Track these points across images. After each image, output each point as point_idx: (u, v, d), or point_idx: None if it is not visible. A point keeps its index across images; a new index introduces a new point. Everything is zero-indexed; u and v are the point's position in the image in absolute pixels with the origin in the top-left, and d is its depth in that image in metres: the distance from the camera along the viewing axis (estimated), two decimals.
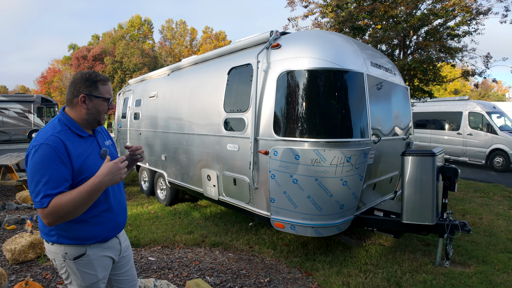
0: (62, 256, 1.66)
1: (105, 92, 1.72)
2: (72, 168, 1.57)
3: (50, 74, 47.11)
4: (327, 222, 3.42)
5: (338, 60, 3.35)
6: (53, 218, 1.49)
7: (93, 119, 1.73)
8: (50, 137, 1.55)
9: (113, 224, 1.78)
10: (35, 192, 1.49)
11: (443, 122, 12.14)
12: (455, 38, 8.03)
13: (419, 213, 3.54)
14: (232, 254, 4.01)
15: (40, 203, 1.47)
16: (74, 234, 1.65)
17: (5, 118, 19.52)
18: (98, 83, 1.70)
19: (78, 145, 1.64)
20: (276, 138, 3.44)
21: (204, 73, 4.97)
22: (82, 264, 1.68)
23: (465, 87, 44.26)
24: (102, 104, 1.73)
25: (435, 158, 3.50)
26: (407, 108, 4.74)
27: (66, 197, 1.49)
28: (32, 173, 1.51)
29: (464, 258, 3.96)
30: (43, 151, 1.51)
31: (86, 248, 1.68)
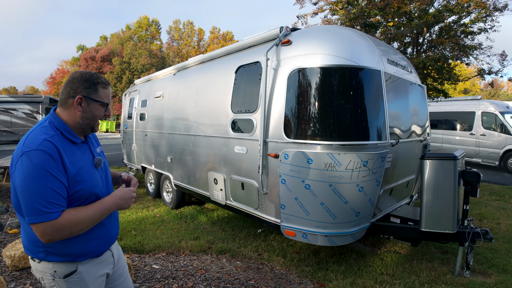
0: (50, 274, 1.47)
1: (104, 96, 1.56)
2: (68, 179, 1.40)
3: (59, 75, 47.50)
4: (342, 230, 3.20)
5: (353, 57, 3.13)
6: (61, 233, 1.35)
7: (87, 124, 1.55)
8: (43, 143, 1.36)
9: (106, 237, 1.62)
10: (34, 205, 1.30)
11: (455, 122, 11.80)
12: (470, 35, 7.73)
13: (439, 221, 3.31)
14: (240, 262, 3.81)
15: (45, 215, 1.30)
16: (64, 251, 1.46)
17: (13, 119, 19.62)
18: (98, 85, 1.53)
19: (71, 153, 1.47)
20: (286, 141, 3.24)
21: (210, 72, 4.78)
22: (74, 283, 1.50)
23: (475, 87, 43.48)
24: (99, 109, 1.56)
25: (457, 162, 3.27)
26: (424, 108, 4.50)
27: (82, 212, 1.40)
28: (27, 184, 1.31)
29: (484, 267, 3.72)
30: (37, 158, 1.32)
31: (77, 264, 1.51)
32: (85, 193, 1.47)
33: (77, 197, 1.45)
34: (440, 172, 3.31)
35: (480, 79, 8.92)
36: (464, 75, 11.42)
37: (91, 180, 1.51)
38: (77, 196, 1.45)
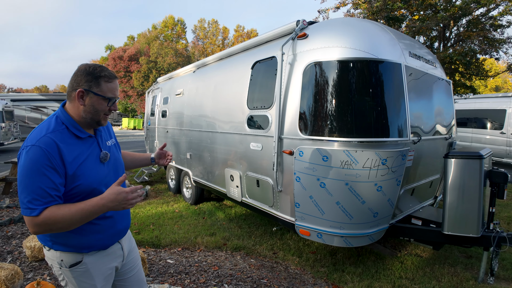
0: (58, 263, 1.52)
1: (107, 90, 1.50)
2: (66, 174, 1.40)
3: None
4: (358, 231, 3.08)
5: (373, 50, 2.99)
6: (42, 228, 1.35)
7: (91, 118, 1.51)
8: (42, 139, 1.37)
9: (112, 231, 1.60)
10: (22, 198, 1.34)
11: (485, 120, 11.19)
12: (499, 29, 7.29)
13: (463, 224, 3.12)
14: (254, 260, 3.76)
15: (29, 211, 1.32)
16: (69, 242, 1.49)
17: (44, 116, 20.43)
18: (100, 79, 1.48)
19: (74, 148, 1.45)
20: (301, 137, 3.15)
21: (228, 68, 4.75)
22: (79, 273, 1.52)
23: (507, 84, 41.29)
24: (101, 104, 1.50)
25: (483, 161, 3.07)
26: (449, 105, 4.27)
27: (63, 211, 1.35)
28: (21, 177, 1.35)
29: (509, 273, 3.50)
30: (33, 154, 1.34)
31: (83, 256, 1.52)
32: (85, 188, 1.45)
33: (77, 192, 1.44)
34: (465, 171, 3.12)
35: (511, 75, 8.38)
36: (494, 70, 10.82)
37: (93, 175, 1.49)
38: (76, 191, 1.44)
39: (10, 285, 2.80)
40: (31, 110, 20.28)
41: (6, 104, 14.71)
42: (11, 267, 2.93)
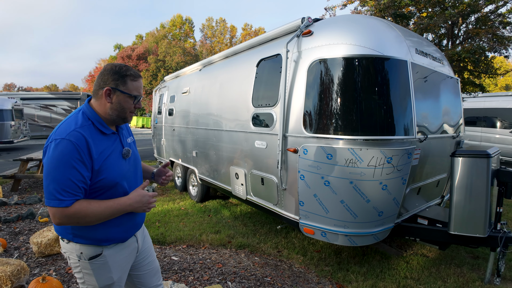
0: (77, 255, 1.55)
1: (133, 88, 1.57)
2: (92, 168, 1.46)
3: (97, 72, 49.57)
4: (363, 230, 3.06)
5: (378, 47, 2.96)
6: (71, 220, 1.41)
7: (117, 115, 1.58)
8: (72, 133, 1.42)
9: (130, 224, 1.66)
10: (50, 188, 1.38)
11: (495, 119, 11.00)
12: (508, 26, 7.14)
13: (470, 224, 3.06)
14: (258, 258, 3.76)
15: (57, 202, 1.37)
16: (90, 235, 1.53)
17: (53, 115, 20.72)
18: (127, 78, 1.55)
19: (100, 143, 1.51)
20: (306, 135, 3.13)
21: (233, 66, 4.75)
22: (98, 265, 1.57)
23: None
24: (127, 101, 1.57)
25: (490, 160, 3.01)
26: (457, 103, 4.21)
27: (94, 206, 1.44)
28: (49, 169, 1.38)
29: None
30: (63, 147, 1.39)
31: (103, 248, 1.57)
32: (108, 182, 1.50)
33: (101, 185, 1.49)
34: (472, 170, 3.07)
35: None
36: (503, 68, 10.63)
37: (116, 170, 1.55)
38: (101, 185, 1.49)
39: (16, 280, 2.84)
40: (41, 108, 20.56)
41: (15, 103, 14.92)
42: (17, 262, 2.97)
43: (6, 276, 2.76)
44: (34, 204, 5.66)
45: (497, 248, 3.11)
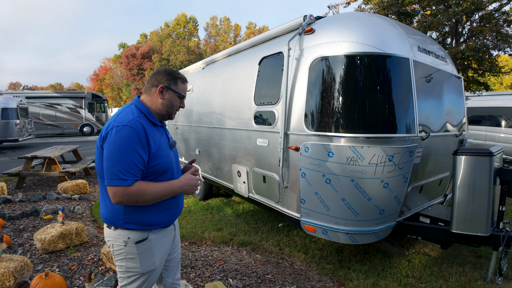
0: (123, 241, 1.65)
1: (182, 90, 1.80)
2: (149, 153, 1.62)
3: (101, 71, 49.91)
4: (364, 228, 3.05)
5: (380, 44, 2.95)
6: (130, 198, 1.54)
7: (166, 111, 1.78)
8: (132, 121, 1.59)
9: (175, 209, 1.81)
10: (113, 169, 1.52)
11: (500, 118, 10.92)
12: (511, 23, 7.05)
13: (472, 222, 3.05)
14: (259, 255, 3.77)
15: (121, 181, 1.51)
16: (141, 220, 1.65)
17: (58, 113, 20.88)
18: (178, 80, 1.78)
19: (153, 133, 1.69)
20: (307, 133, 3.13)
21: (236, 64, 4.75)
22: (143, 249, 1.68)
23: None
24: (176, 100, 1.79)
25: (493, 158, 2.99)
26: (460, 101, 4.18)
27: (151, 186, 1.59)
28: (113, 152, 1.53)
29: None
30: (125, 133, 1.54)
31: (149, 233, 1.69)
32: (162, 167, 1.68)
33: (155, 170, 1.65)
34: (474, 169, 3.05)
35: None
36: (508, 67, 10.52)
37: (166, 157, 1.72)
38: (155, 169, 1.65)
39: (19, 276, 2.87)
40: (46, 107, 20.72)
41: (20, 101, 15.03)
42: (20, 258, 3.00)
43: (9, 272, 2.80)
44: (39, 201, 5.71)
45: (500, 247, 3.09)
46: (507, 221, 3.22)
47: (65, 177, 7.15)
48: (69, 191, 6.46)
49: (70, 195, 6.19)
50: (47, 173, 7.23)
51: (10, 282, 2.79)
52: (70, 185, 6.55)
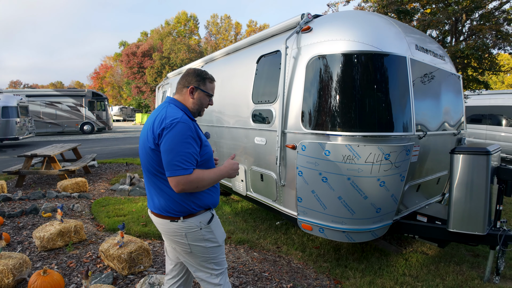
0: (196, 226, 1.84)
1: (210, 89, 1.98)
2: (201, 144, 1.82)
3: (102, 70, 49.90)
4: (361, 227, 3.06)
5: (377, 43, 2.95)
6: (191, 185, 1.72)
7: (197, 109, 1.96)
8: (184, 117, 1.77)
9: (219, 192, 2.04)
10: (174, 161, 1.69)
11: (500, 117, 10.89)
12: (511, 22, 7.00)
13: (469, 221, 3.04)
14: (257, 253, 3.78)
15: (183, 170, 1.69)
16: (204, 202, 1.88)
17: (58, 111, 20.89)
18: (206, 80, 1.95)
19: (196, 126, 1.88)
20: (304, 132, 3.13)
21: (234, 63, 4.76)
22: (214, 225, 1.93)
23: None
24: (205, 98, 1.97)
25: (490, 157, 2.99)
26: (459, 100, 4.18)
27: (206, 173, 1.79)
28: (172, 145, 1.70)
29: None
30: (182, 127, 1.73)
31: (211, 212, 1.94)
32: (209, 156, 1.90)
33: (205, 158, 1.86)
34: (471, 168, 3.05)
35: None
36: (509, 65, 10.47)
37: (209, 147, 1.93)
38: (205, 158, 1.86)
39: (18, 273, 2.89)
40: (46, 105, 20.72)
41: (21, 100, 15.04)
42: (19, 256, 3.02)
43: (8, 269, 2.81)
44: (38, 199, 5.73)
45: (497, 247, 3.09)
46: (505, 220, 3.22)
47: (65, 175, 7.15)
48: (68, 189, 6.46)
49: (70, 193, 6.19)
50: (46, 171, 7.24)
51: (9, 279, 2.80)
52: (69, 183, 6.54)
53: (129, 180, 6.93)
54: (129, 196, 6.35)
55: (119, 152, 12.70)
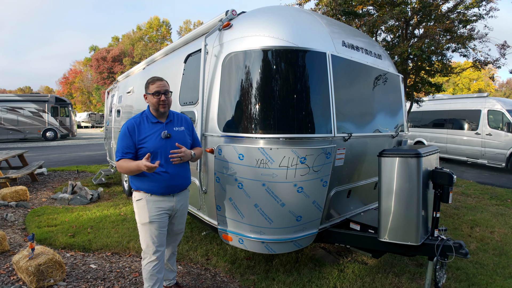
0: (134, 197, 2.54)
1: (152, 89, 2.48)
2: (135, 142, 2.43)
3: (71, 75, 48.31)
4: (280, 237, 2.81)
5: (294, 38, 2.74)
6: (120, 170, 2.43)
7: (153, 108, 2.53)
8: (129, 121, 2.49)
9: (165, 184, 2.47)
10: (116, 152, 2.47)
11: (462, 121, 11.08)
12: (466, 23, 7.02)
13: (400, 230, 2.78)
14: (182, 266, 3.48)
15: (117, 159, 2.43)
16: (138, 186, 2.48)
17: (20, 117, 19.89)
18: (149, 84, 2.52)
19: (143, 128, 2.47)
20: (220, 134, 2.88)
21: (168, 63, 4.49)
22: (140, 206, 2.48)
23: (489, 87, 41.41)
24: (151, 97, 2.48)
25: (421, 160, 2.76)
26: (397, 100, 4.03)
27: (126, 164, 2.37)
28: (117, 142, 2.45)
29: (462, 286, 3.20)
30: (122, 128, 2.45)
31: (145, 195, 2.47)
32: (147, 151, 2.38)
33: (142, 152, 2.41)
34: (400, 172, 2.81)
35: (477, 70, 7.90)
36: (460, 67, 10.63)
37: (153, 144, 2.43)
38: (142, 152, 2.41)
39: None
40: (7, 111, 19.72)
41: None
42: None
43: None
44: None
45: (434, 258, 2.85)
46: (444, 229, 3.00)
47: (7, 183, 6.69)
48: (7, 197, 6.03)
49: (8, 202, 5.80)
50: None
51: None
52: (9, 192, 6.11)
53: (70, 188, 6.50)
54: (68, 205, 5.93)
55: (76, 160, 12.10)
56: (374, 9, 7.27)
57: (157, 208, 2.46)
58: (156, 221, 2.45)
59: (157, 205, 2.47)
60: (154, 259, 2.48)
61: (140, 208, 2.46)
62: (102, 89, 39.22)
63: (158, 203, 2.47)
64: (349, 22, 6.67)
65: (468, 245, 4.21)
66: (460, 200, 6.59)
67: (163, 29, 45.10)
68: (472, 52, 7.19)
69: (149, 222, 2.44)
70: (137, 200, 2.47)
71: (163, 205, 2.49)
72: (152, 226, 2.44)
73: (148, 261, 2.49)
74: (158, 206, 2.47)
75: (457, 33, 6.99)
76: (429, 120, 12.33)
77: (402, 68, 6.87)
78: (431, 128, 12.14)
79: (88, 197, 6.22)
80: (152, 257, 2.48)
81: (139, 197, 2.46)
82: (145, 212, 2.43)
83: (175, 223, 2.67)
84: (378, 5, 6.97)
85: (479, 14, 6.81)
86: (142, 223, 2.47)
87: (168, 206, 2.51)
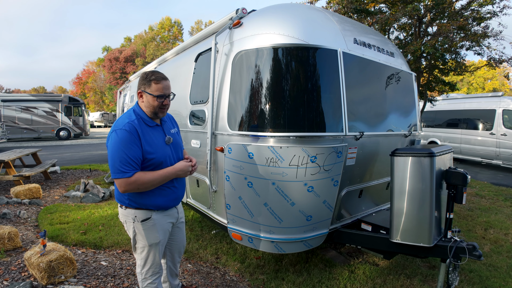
0: (132, 218, 2.08)
1: (155, 90, 2.00)
2: (142, 151, 1.94)
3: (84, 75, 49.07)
4: (290, 236, 2.79)
5: (305, 36, 2.71)
6: (132, 187, 1.92)
7: (150, 111, 2.06)
8: (127, 124, 1.93)
9: (173, 196, 2.18)
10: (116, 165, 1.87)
11: (476, 121, 10.82)
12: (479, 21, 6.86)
13: (413, 232, 2.73)
14: (191, 265, 3.48)
15: (123, 174, 1.87)
16: (142, 202, 2.05)
17: (34, 117, 20.27)
18: (152, 81, 2.01)
19: (147, 133, 2.01)
20: (230, 133, 2.87)
21: (179, 62, 4.50)
22: (148, 226, 2.09)
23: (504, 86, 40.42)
24: (153, 100, 2.02)
25: (434, 159, 2.70)
26: (410, 98, 3.96)
27: (149, 176, 1.95)
28: (113, 151, 1.88)
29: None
30: (121, 134, 1.89)
31: (152, 213, 2.09)
32: (157, 161, 2.02)
33: (151, 163, 2.01)
34: (413, 171, 2.76)
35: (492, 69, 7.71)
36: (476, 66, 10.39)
37: (161, 153, 2.06)
38: (151, 163, 2.00)
39: None
40: (21, 110, 20.11)
41: None
42: None
43: None
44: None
45: (447, 260, 2.79)
46: (458, 230, 2.93)
47: (20, 181, 6.84)
48: (21, 195, 6.16)
49: (21, 200, 5.92)
50: (1, 177, 6.88)
51: None
52: (22, 190, 6.24)
53: (83, 186, 6.58)
54: (80, 203, 6.01)
55: (89, 158, 12.27)
56: (386, 7, 7.17)
57: (168, 223, 2.21)
58: (165, 238, 2.22)
59: (167, 220, 2.20)
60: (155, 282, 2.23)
61: (148, 228, 2.07)
62: (115, 89, 39.75)
63: (167, 218, 2.20)
64: (361, 20, 6.60)
65: (481, 247, 4.12)
66: (474, 202, 6.44)
67: (174, 30, 45.44)
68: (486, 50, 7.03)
69: (160, 240, 2.14)
70: (142, 220, 2.05)
71: (171, 219, 2.25)
72: (160, 244, 2.16)
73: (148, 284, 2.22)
74: (168, 221, 2.22)
75: (471, 31, 6.84)
76: (443, 120, 12.10)
77: (415, 67, 6.78)
78: (445, 128, 11.91)
79: (100, 195, 6.30)
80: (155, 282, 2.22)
81: (145, 216, 2.05)
82: (155, 232, 2.09)
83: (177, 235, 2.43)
84: (391, 3, 6.88)
85: (493, 12, 6.65)
86: (150, 244, 2.10)
87: (174, 219, 2.29)
